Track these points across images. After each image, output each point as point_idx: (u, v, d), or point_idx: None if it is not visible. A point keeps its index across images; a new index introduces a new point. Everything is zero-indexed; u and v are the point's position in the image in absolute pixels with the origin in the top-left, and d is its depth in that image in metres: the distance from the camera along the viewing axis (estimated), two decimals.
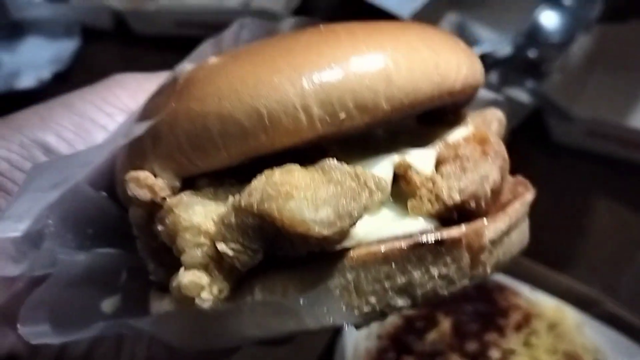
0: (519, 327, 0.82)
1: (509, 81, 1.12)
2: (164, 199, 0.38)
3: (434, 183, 0.37)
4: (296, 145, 0.36)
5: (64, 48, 1.12)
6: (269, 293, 0.35)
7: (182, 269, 0.35)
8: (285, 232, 0.32)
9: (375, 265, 0.35)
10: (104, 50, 1.18)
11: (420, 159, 0.39)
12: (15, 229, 0.37)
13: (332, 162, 0.36)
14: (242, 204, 0.33)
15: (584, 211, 0.97)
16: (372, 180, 0.35)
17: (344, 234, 0.34)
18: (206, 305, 0.34)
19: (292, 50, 0.37)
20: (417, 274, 0.35)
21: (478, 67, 0.43)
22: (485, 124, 0.46)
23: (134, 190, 0.38)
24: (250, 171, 0.36)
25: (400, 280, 0.35)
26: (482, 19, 1.20)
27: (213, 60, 0.40)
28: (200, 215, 0.35)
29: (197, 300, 0.34)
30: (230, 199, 0.35)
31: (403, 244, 0.35)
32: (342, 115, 0.35)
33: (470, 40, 1.19)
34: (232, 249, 0.33)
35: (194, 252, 0.35)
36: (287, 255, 0.34)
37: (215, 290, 0.34)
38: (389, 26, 0.40)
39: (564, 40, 1.12)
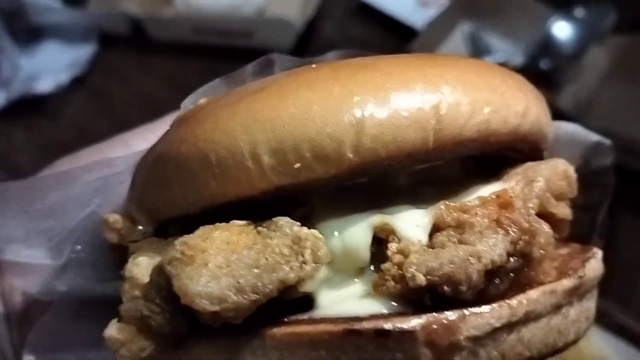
0: None
1: None
2: (135, 242, 0.37)
3: (406, 256, 0.30)
4: (253, 196, 0.32)
5: (82, 53, 1.15)
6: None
7: (114, 320, 0.33)
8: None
9: (302, 348, 0.29)
10: (121, 56, 1.20)
11: (412, 222, 0.32)
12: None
13: (282, 222, 0.31)
14: (161, 262, 0.31)
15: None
16: (309, 249, 0.30)
17: (246, 310, 0.29)
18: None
19: (258, 92, 0.33)
20: None
21: (517, 108, 0.34)
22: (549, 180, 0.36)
23: (105, 233, 0.39)
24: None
25: None
26: (495, 29, 1.18)
27: (201, 101, 0.38)
28: (142, 266, 0.33)
29: (116, 355, 0.32)
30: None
31: (336, 329, 0.29)
32: (297, 165, 0.30)
33: (482, 50, 1.15)
34: (149, 309, 0.31)
35: (129, 305, 0.33)
36: (210, 325, 0.30)
37: (134, 348, 0.32)
38: (391, 64, 0.33)
39: (577, 52, 1.09)
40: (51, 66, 1.10)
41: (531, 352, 0.31)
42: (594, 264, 0.35)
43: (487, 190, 0.34)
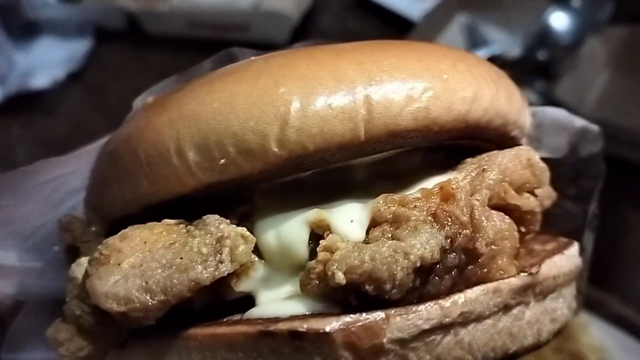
0: None
1: (518, 83, 1.07)
2: (87, 242, 0.37)
3: (332, 252, 0.28)
4: (186, 194, 0.31)
5: (78, 48, 1.13)
6: None
7: (57, 319, 0.33)
8: None
9: (220, 349, 0.28)
10: (116, 51, 1.18)
11: (348, 216, 0.30)
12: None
13: (210, 220, 0.30)
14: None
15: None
16: (228, 248, 0.28)
17: (155, 310, 0.28)
18: (62, 359, 0.32)
19: (190, 87, 0.33)
20: None
21: (464, 93, 0.31)
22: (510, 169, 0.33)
23: (60, 234, 0.39)
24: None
25: None
26: (492, 20, 1.14)
27: (148, 100, 0.38)
28: (83, 267, 0.33)
29: (57, 354, 0.32)
30: None
31: (251, 330, 0.28)
32: (223, 161, 0.29)
33: (479, 42, 1.12)
34: (81, 309, 0.31)
35: (69, 307, 0.32)
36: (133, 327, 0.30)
37: (72, 347, 0.32)
38: (328, 52, 0.32)
39: (574, 42, 1.07)
40: (47, 61, 1.09)
41: (474, 356, 0.28)
42: (559, 260, 0.32)
43: (436, 182, 0.32)
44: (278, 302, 0.30)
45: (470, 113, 0.31)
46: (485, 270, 0.30)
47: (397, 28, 1.17)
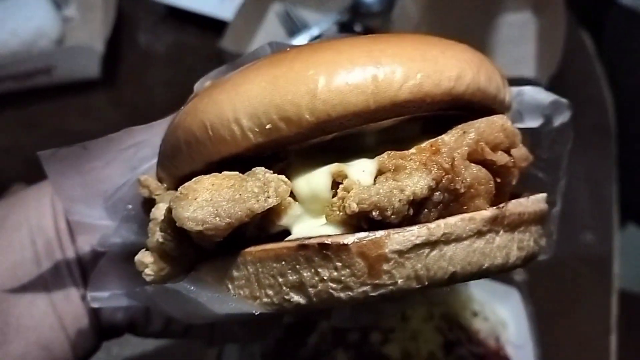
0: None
1: None
2: (159, 195, 0.47)
3: (348, 192, 0.38)
4: (241, 154, 0.42)
5: None
6: (192, 281, 0.41)
7: (142, 249, 0.44)
8: None
9: (269, 262, 0.39)
10: None
11: (360, 168, 0.40)
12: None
13: (258, 170, 0.40)
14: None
15: None
16: (272, 188, 0.39)
17: (223, 230, 0.38)
18: (148, 279, 0.43)
19: (241, 72, 0.43)
20: (306, 274, 0.37)
21: (450, 73, 0.41)
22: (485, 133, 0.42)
23: (138, 189, 0.49)
24: None
25: (292, 277, 0.38)
26: (306, 4, 1.19)
27: (206, 84, 0.49)
28: (161, 209, 0.44)
29: (143, 275, 0.43)
30: None
31: (291, 245, 0.38)
32: (269, 126, 0.39)
33: (298, 27, 1.15)
34: (163, 237, 0.41)
35: (152, 238, 0.43)
36: (206, 247, 0.40)
37: (155, 268, 0.42)
38: (344, 44, 0.42)
39: (385, 8, 1.14)
40: None
41: (455, 267, 0.38)
42: (524, 201, 0.42)
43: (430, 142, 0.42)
44: (308, 229, 0.40)
45: (455, 88, 0.41)
46: (465, 207, 0.40)
47: (214, 30, 1.19)
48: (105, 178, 0.52)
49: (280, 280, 0.38)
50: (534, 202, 0.43)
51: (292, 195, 0.42)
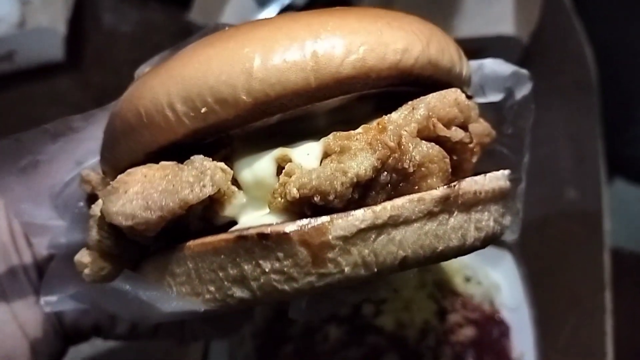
0: None
1: None
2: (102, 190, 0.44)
3: (290, 176, 0.36)
4: (180, 141, 0.39)
5: None
6: (128, 279, 0.38)
7: (83, 248, 0.41)
8: None
9: (208, 256, 0.36)
10: None
11: (305, 151, 0.38)
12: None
13: (195, 158, 0.38)
14: None
15: None
16: (208, 177, 0.36)
17: (155, 224, 0.36)
18: (87, 279, 0.40)
19: (177, 54, 0.41)
20: (247, 267, 0.35)
21: (396, 46, 0.38)
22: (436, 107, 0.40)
23: (80, 186, 0.46)
24: None
25: (233, 271, 0.36)
26: None
27: (145, 70, 0.46)
28: (100, 205, 0.41)
29: (82, 275, 0.40)
30: None
31: (230, 237, 0.35)
32: (204, 110, 0.37)
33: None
34: (100, 235, 0.39)
35: (91, 236, 0.41)
36: (145, 243, 0.38)
37: (94, 268, 0.40)
38: (284, 19, 0.39)
39: None
40: None
41: (405, 251, 0.36)
42: (480, 179, 0.39)
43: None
44: (253, 219, 0.38)
45: (402, 62, 0.38)
46: (416, 187, 0.37)
47: (179, 4, 1.16)
48: (50, 174, 0.50)
49: (221, 274, 0.36)
50: (491, 180, 0.40)
51: (236, 183, 0.39)
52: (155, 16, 1.20)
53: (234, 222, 0.40)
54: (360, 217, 0.34)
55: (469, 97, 0.48)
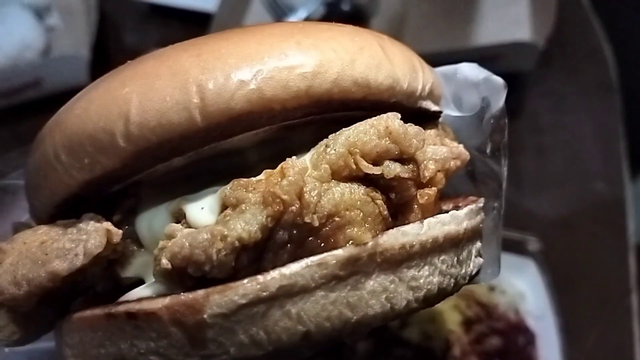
0: None
1: None
2: None
3: (170, 238, 0.30)
4: (77, 193, 0.35)
5: None
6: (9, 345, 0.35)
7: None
8: None
9: (88, 331, 0.32)
10: None
11: (200, 205, 0.32)
12: None
13: (84, 217, 0.34)
14: None
15: None
16: (82, 244, 0.32)
17: (24, 299, 0.32)
18: (2, 344, 0.37)
19: (75, 97, 0.36)
20: (124, 346, 0.30)
21: (303, 69, 0.32)
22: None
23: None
24: None
25: (111, 349, 0.31)
26: None
27: None
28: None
29: None
30: None
31: (100, 313, 0.31)
32: (87, 161, 0.32)
33: (285, 11, 1.11)
34: (5, 294, 0.34)
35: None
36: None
37: (6, 332, 0.36)
38: (170, 49, 0.34)
39: None
40: None
41: (306, 326, 0.29)
42: (414, 229, 0.32)
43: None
44: (144, 286, 0.33)
45: (313, 88, 0.31)
46: (331, 240, 0.30)
47: (199, 23, 1.14)
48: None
49: (102, 351, 0.31)
50: (432, 227, 0.32)
51: (138, 240, 0.35)
52: (175, 35, 1.22)
53: (142, 281, 0.35)
54: (241, 290, 0.28)
55: (432, 114, 0.40)
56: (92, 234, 0.32)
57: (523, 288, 0.81)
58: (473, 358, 0.75)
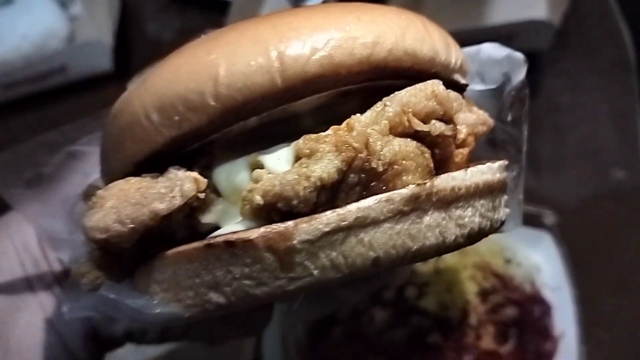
0: None
1: None
2: None
3: (257, 182, 0.36)
4: (162, 150, 0.40)
5: None
6: (116, 288, 0.40)
7: (81, 259, 0.43)
8: None
9: (184, 263, 0.37)
10: None
11: (276, 156, 0.38)
12: None
13: (170, 169, 0.39)
14: None
15: None
16: (178, 187, 0.37)
17: (128, 236, 0.37)
18: (84, 289, 0.42)
19: (158, 66, 0.41)
20: (219, 274, 0.35)
21: (364, 39, 0.37)
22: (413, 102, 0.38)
23: (84, 200, 0.47)
24: None
25: (206, 278, 0.36)
26: None
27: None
28: None
29: (80, 285, 0.42)
30: None
31: (199, 245, 0.36)
32: (177, 118, 0.37)
33: None
34: (90, 246, 0.40)
35: (85, 245, 0.42)
36: (126, 254, 0.39)
37: (90, 277, 0.41)
38: (250, 23, 0.39)
39: None
40: None
41: (376, 252, 0.35)
42: (460, 174, 0.38)
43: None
44: (230, 226, 0.38)
45: (373, 55, 0.37)
46: (390, 185, 0.36)
47: (217, 10, 1.16)
48: (60, 188, 0.52)
49: (197, 281, 0.36)
50: (474, 174, 0.38)
51: (216, 190, 0.40)
52: (195, 22, 1.24)
53: (218, 228, 0.40)
54: (324, 220, 0.34)
55: (461, 86, 0.46)
56: (185, 180, 0.37)
57: (539, 261, 0.83)
58: (489, 327, 0.78)
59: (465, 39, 0.48)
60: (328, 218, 0.34)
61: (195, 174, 0.38)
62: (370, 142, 0.35)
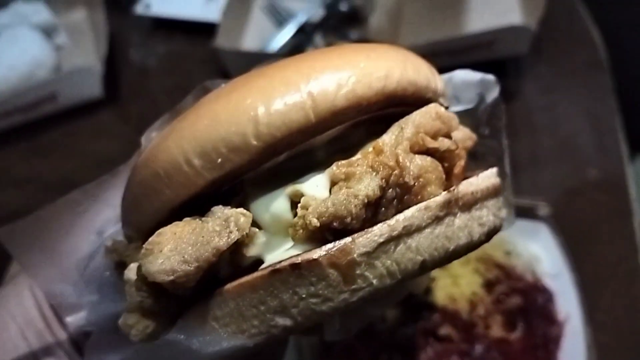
0: None
1: (336, 38, 1.17)
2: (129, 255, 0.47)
3: (306, 209, 0.40)
4: (198, 194, 0.42)
5: None
6: (180, 330, 0.41)
7: (124, 312, 0.43)
8: None
9: (247, 293, 0.40)
10: None
11: (314, 184, 0.42)
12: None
13: (215, 209, 0.42)
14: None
15: None
16: (233, 222, 0.40)
17: (194, 274, 0.39)
18: (136, 339, 0.42)
19: (185, 115, 0.44)
20: (285, 296, 0.38)
21: (378, 74, 0.43)
22: (418, 124, 0.44)
23: (106, 256, 0.49)
24: None
25: (273, 303, 0.39)
26: None
27: (152, 135, 0.49)
28: (133, 270, 0.44)
29: (130, 337, 0.43)
30: None
31: (265, 273, 0.39)
32: (219, 160, 0.40)
33: (285, 17, 1.20)
34: (141, 296, 0.41)
35: (131, 299, 0.43)
36: (184, 296, 0.41)
37: (140, 327, 0.42)
38: (274, 68, 0.43)
39: None
40: None
41: (422, 255, 0.40)
42: (474, 180, 0.44)
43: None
44: (278, 254, 0.41)
45: (386, 87, 0.43)
46: (419, 196, 0.42)
47: (202, 33, 1.23)
48: (73, 248, 0.52)
49: (262, 308, 0.39)
50: (484, 179, 0.45)
51: (255, 224, 0.43)
52: (181, 46, 1.28)
53: (258, 262, 0.43)
54: (378, 232, 0.38)
55: (446, 108, 0.53)
56: (236, 215, 0.40)
57: (537, 251, 0.88)
58: (497, 316, 0.82)
59: (448, 48, 0.54)
60: (380, 230, 0.38)
61: (242, 210, 0.41)
62: (400, 160, 0.41)
